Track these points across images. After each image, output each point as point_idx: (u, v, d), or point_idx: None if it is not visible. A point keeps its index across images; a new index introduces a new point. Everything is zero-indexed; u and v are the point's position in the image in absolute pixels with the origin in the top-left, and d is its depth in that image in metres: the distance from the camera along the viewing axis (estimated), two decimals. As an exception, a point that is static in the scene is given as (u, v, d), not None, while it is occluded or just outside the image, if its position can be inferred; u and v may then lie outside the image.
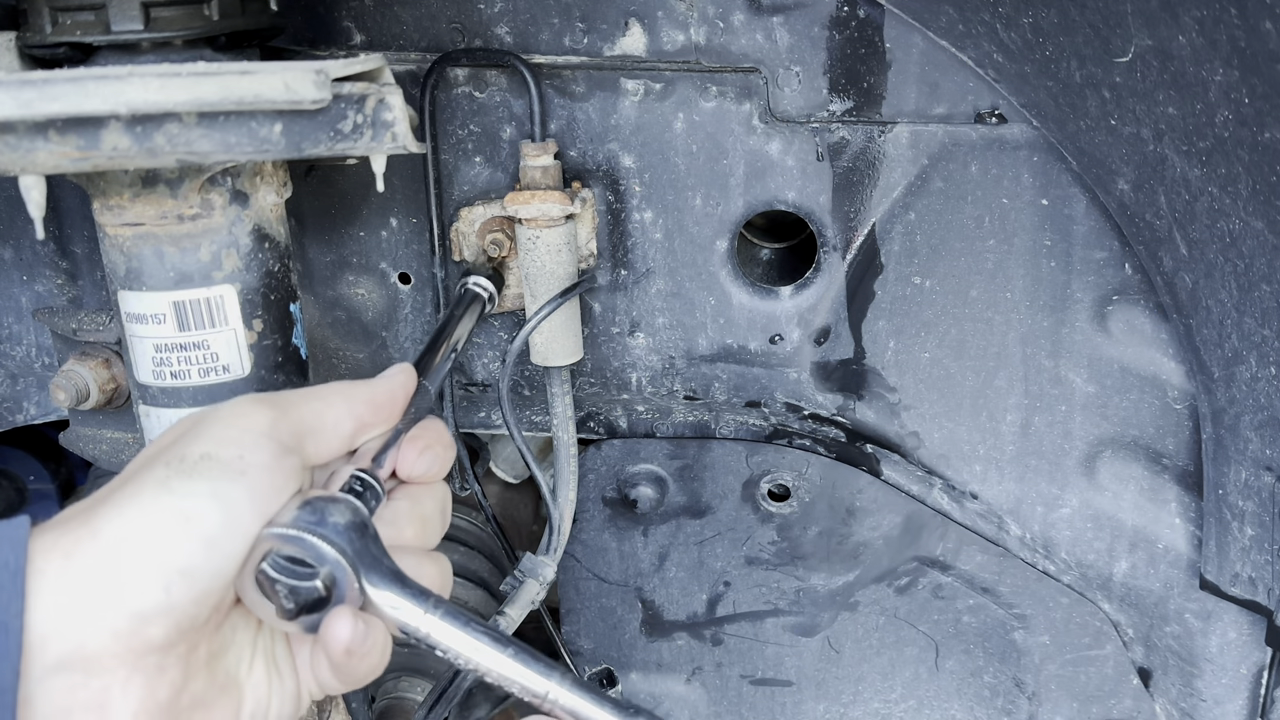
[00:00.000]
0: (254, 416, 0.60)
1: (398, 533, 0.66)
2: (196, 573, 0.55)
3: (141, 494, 0.55)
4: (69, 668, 0.52)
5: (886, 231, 1.02)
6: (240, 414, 0.60)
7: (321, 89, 0.75)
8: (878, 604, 1.14)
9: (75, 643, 0.52)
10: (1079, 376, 1.03)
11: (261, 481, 0.58)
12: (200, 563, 0.55)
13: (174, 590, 0.54)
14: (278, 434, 0.60)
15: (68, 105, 0.68)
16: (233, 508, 0.56)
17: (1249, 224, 0.77)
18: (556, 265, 1.01)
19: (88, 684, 0.52)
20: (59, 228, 1.13)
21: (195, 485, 0.56)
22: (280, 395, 0.63)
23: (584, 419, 1.14)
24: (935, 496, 1.10)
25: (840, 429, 1.11)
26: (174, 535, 0.54)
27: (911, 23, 0.94)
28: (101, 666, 0.52)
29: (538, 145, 1.00)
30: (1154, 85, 0.75)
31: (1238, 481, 0.93)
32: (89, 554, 0.53)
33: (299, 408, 0.63)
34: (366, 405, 0.66)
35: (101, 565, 0.53)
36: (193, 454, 0.57)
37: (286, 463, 0.60)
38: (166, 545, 0.54)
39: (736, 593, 1.17)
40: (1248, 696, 1.06)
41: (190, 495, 0.55)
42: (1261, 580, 0.95)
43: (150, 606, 0.53)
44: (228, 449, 0.58)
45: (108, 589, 0.52)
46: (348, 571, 0.60)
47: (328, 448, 0.64)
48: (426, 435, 0.70)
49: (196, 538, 0.55)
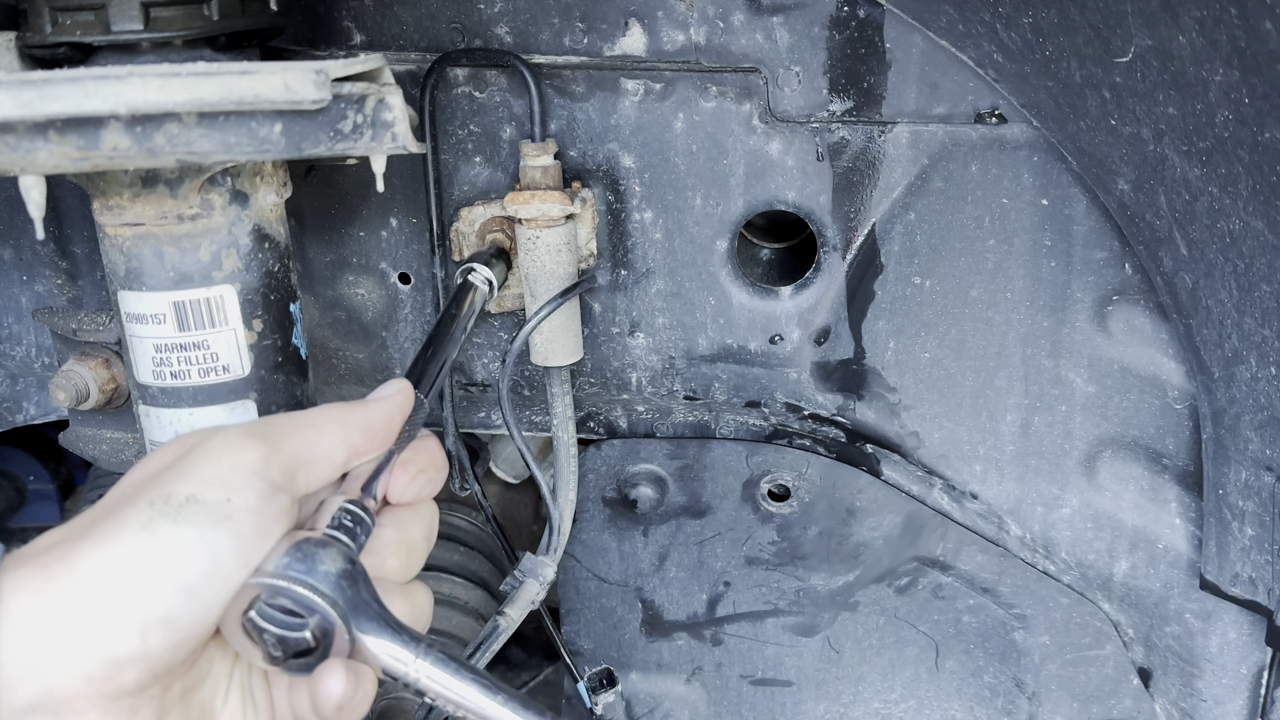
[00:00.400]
0: (245, 453, 0.58)
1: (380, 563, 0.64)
2: (175, 621, 0.53)
3: (123, 535, 0.53)
4: (39, 710, 0.50)
5: (886, 231, 1.02)
6: (231, 449, 0.58)
7: (321, 89, 0.75)
8: (878, 604, 1.14)
9: (46, 685, 0.50)
10: (1079, 376, 1.03)
11: (248, 526, 0.56)
12: (180, 611, 0.53)
13: (150, 638, 0.52)
14: (268, 472, 0.58)
15: (68, 105, 0.68)
16: (217, 555, 0.54)
17: (1249, 224, 0.77)
18: (556, 265, 1.01)
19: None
20: (59, 228, 1.13)
21: (179, 530, 0.54)
22: (273, 425, 0.61)
23: (584, 419, 1.14)
24: (935, 496, 1.10)
25: (840, 429, 1.11)
26: (154, 581, 0.52)
27: (911, 23, 0.94)
28: (72, 709, 0.51)
29: (538, 145, 1.00)
30: (1154, 85, 0.75)
31: (1238, 481, 0.93)
32: (64, 592, 0.51)
33: (292, 439, 0.60)
34: (362, 433, 0.64)
35: (76, 606, 0.51)
36: (178, 494, 0.55)
37: (275, 503, 0.58)
38: (145, 591, 0.52)
39: (736, 593, 1.17)
40: (1248, 697, 1.06)
41: (175, 541, 0.53)
42: (1262, 580, 0.95)
43: (125, 653, 0.51)
44: (215, 490, 0.56)
45: (81, 631, 0.51)
46: (337, 623, 0.59)
47: (319, 478, 0.62)
48: (419, 459, 0.68)
49: (177, 585, 0.53)
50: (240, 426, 0.60)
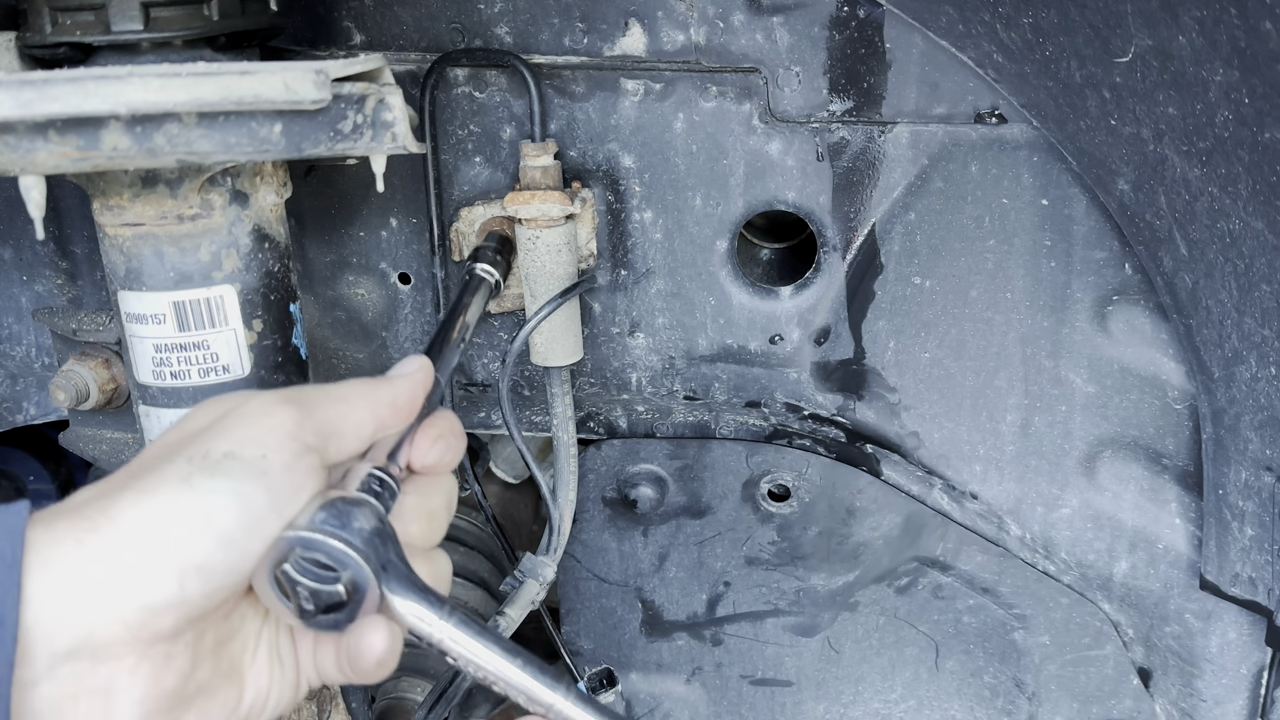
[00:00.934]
0: (279, 416, 0.60)
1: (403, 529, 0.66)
2: (212, 570, 0.55)
3: (162, 487, 0.55)
4: (78, 655, 0.52)
5: (886, 231, 1.02)
6: (266, 413, 0.60)
7: (321, 89, 0.75)
8: (878, 604, 1.14)
9: (85, 631, 0.52)
10: (1079, 376, 1.03)
11: (282, 482, 0.58)
12: (216, 561, 0.55)
13: (188, 586, 0.54)
14: (301, 435, 0.60)
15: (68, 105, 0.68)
16: (253, 508, 0.56)
17: (1249, 224, 0.77)
18: (556, 265, 1.01)
19: (95, 671, 0.52)
20: (59, 228, 1.13)
21: (217, 483, 0.56)
22: (304, 394, 0.63)
23: (584, 419, 1.14)
24: (935, 497, 1.10)
25: (840, 429, 1.11)
26: (193, 532, 0.54)
27: (911, 23, 0.94)
28: (109, 654, 0.52)
29: (538, 145, 1.00)
30: (1154, 85, 0.75)
31: (1238, 482, 0.93)
32: (104, 542, 0.53)
33: (324, 408, 0.62)
34: (388, 408, 0.66)
35: (116, 555, 0.53)
36: (216, 451, 0.57)
37: (307, 463, 0.60)
38: (184, 541, 0.54)
39: (736, 593, 1.17)
40: (1248, 697, 1.06)
41: (212, 493, 0.55)
42: (1261, 580, 0.95)
43: (162, 600, 0.53)
44: (251, 448, 0.58)
45: (121, 580, 0.52)
46: (370, 578, 0.60)
47: (348, 449, 0.64)
48: (439, 424, 0.70)
49: (215, 535, 0.55)
50: (275, 392, 0.62)
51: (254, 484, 0.57)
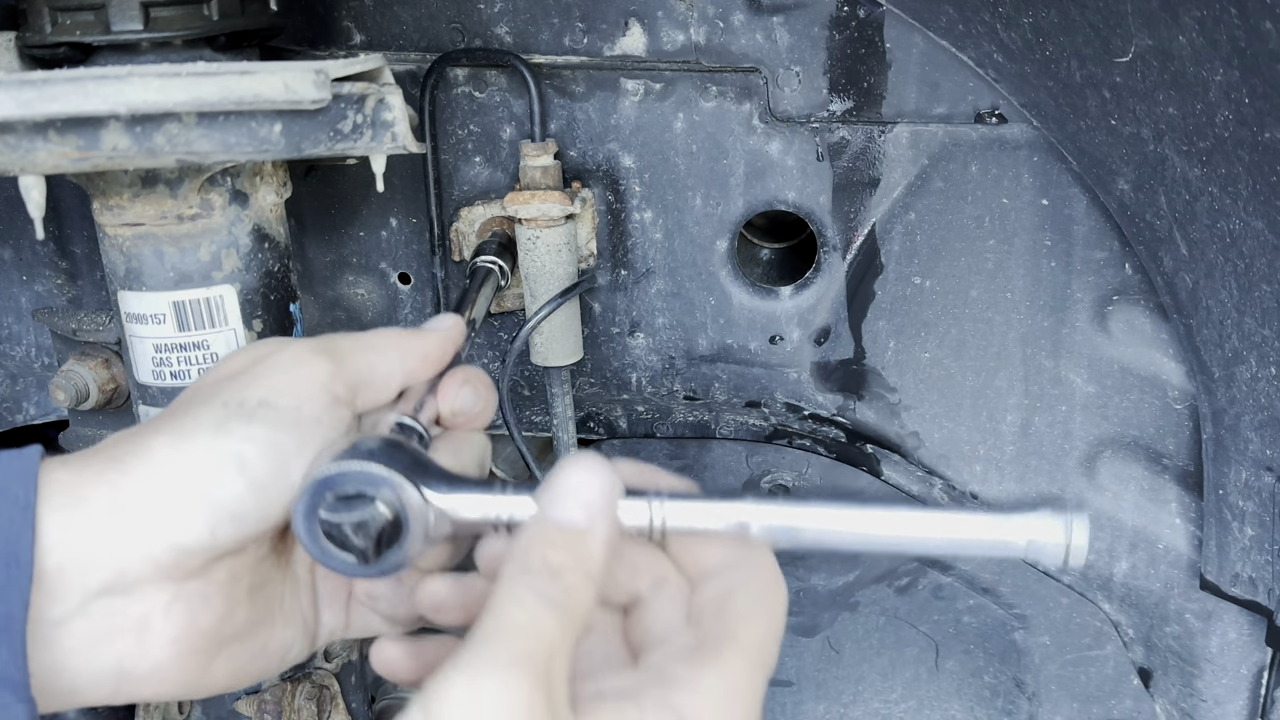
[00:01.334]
0: (313, 367, 0.60)
1: None
2: (244, 517, 0.56)
3: (199, 432, 0.56)
4: (112, 591, 0.53)
5: (886, 231, 1.02)
6: (299, 362, 0.60)
7: (321, 89, 0.75)
8: (878, 604, 1.14)
9: (117, 568, 0.53)
10: (1079, 377, 1.03)
11: (314, 433, 0.59)
12: (249, 507, 0.56)
13: (219, 531, 0.55)
14: (334, 386, 0.60)
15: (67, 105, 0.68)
16: (285, 457, 0.57)
17: (1249, 224, 0.77)
18: (556, 265, 1.01)
19: (128, 608, 0.53)
20: (59, 228, 1.13)
21: (253, 430, 0.56)
22: (336, 344, 0.63)
23: (584, 419, 1.14)
24: (935, 497, 1.10)
25: (840, 429, 1.11)
26: (227, 478, 0.55)
27: (912, 23, 0.94)
28: (142, 592, 0.53)
29: (538, 145, 1.00)
30: (1154, 85, 0.75)
31: (1238, 482, 0.93)
32: (138, 484, 0.54)
33: (355, 359, 0.63)
34: (418, 359, 0.66)
35: (150, 497, 0.54)
36: (251, 399, 0.58)
37: (338, 414, 0.60)
38: (218, 487, 0.55)
39: (736, 593, 1.17)
40: (1248, 697, 1.06)
41: (247, 440, 0.56)
42: (1262, 580, 0.95)
43: (193, 542, 0.54)
44: (286, 398, 0.58)
45: (153, 520, 0.53)
46: (405, 484, 0.58)
47: (376, 399, 0.64)
48: (464, 372, 0.69)
49: (248, 481, 0.56)
50: (307, 341, 0.62)
51: (287, 433, 0.57)
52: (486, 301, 0.94)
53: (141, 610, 0.54)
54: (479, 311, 0.91)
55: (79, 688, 0.53)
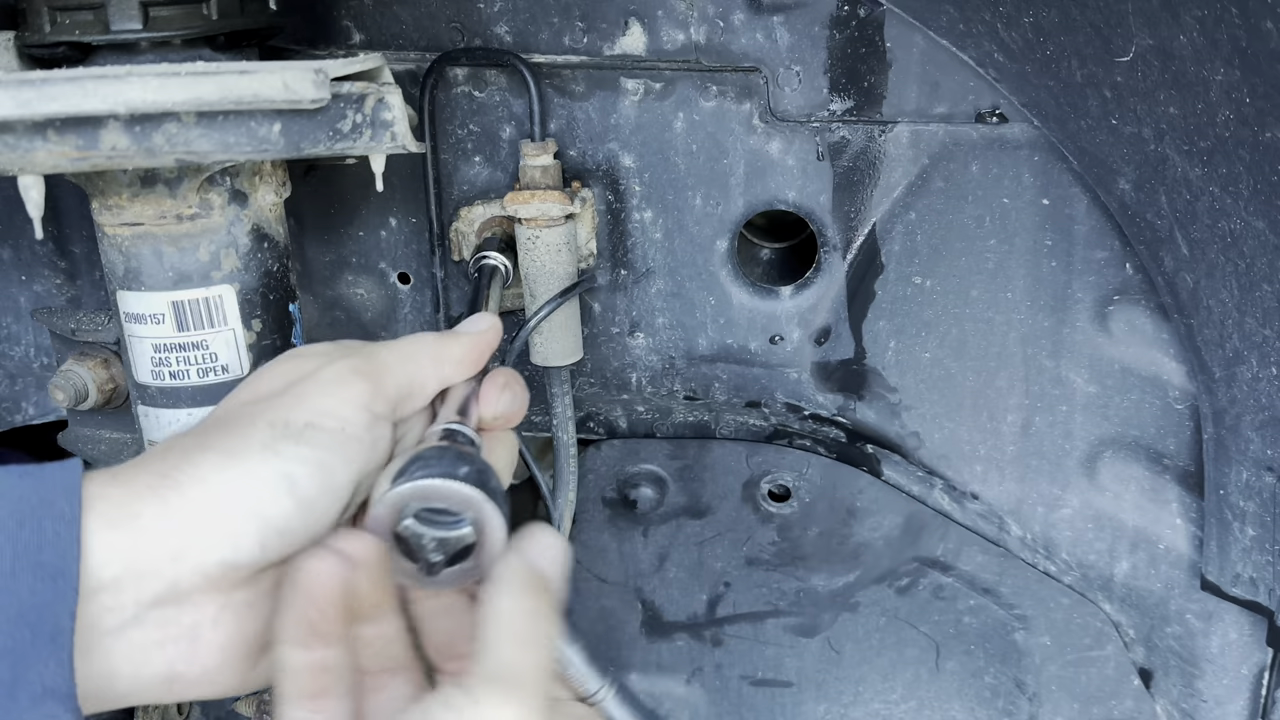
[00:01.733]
0: (354, 387, 0.62)
1: None
2: (292, 533, 0.57)
3: (248, 452, 0.57)
4: (164, 603, 0.54)
5: (887, 231, 1.02)
6: (341, 383, 0.62)
7: (320, 88, 0.75)
8: (878, 605, 1.14)
9: (171, 580, 0.54)
10: (1080, 377, 1.03)
11: (359, 452, 0.60)
12: (297, 524, 0.57)
13: (269, 547, 0.56)
14: (375, 405, 0.62)
15: (66, 105, 0.68)
16: (333, 475, 0.59)
17: (1250, 224, 0.76)
18: (556, 265, 1.01)
19: (180, 618, 0.55)
20: (58, 227, 1.13)
21: (301, 451, 0.58)
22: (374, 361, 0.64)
23: (584, 419, 1.14)
24: (936, 497, 1.10)
25: (841, 429, 1.11)
26: (277, 496, 0.57)
27: (912, 22, 0.94)
28: (193, 603, 0.55)
29: (537, 145, 1.00)
30: (1155, 85, 0.75)
31: (1239, 482, 0.93)
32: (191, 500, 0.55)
33: (394, 374, 0.64)
34: (455, 365, 0.68)
35: (203, 513, 0.55)
36: (297, 421, 0.59)
37: (380, 432, 0.62)
38: (268, 505, 0.56)
39: (736, 593, 1.17)
40: (1249, 697, 1.06)
41: (296, 461, 0.57)
42: (1262, 581, 0.95)
43: (244, 559, 0.56)
44: (331, 420, 0.60)
45: (208, 536, 0.55)
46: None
47: (414, 407, 0.66)
48: (503, 375, 0.71)
49: (297, 500, 0.57)
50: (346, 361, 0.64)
51: (333, 453, 0.59)
52: (498, 298, 0.94)
53: (193, 620, 0.56)
54: (493, 309, 0.91)
55: (132, 691, 0.55)
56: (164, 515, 0.54)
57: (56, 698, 0.50)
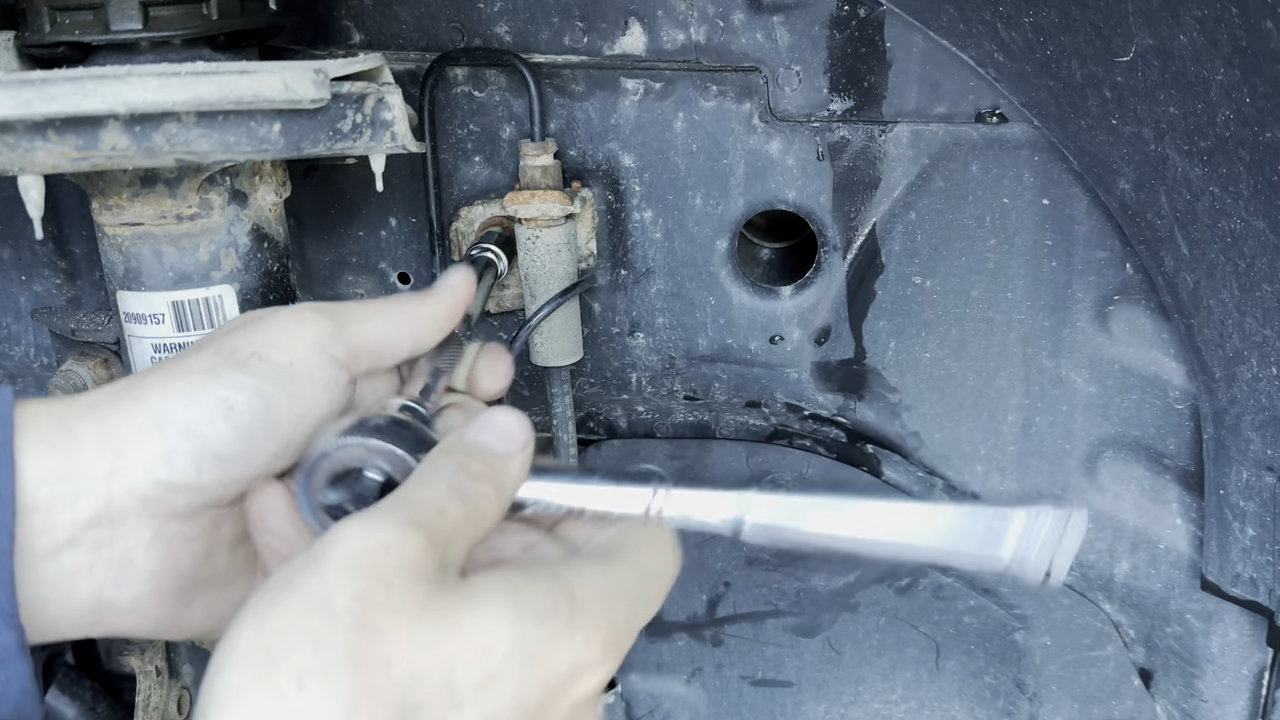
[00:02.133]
0: (311, 326, 0.60)
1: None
2: (228, 461, 0.56)
3: (188, 375, 0.57)
4: (97, 523, 0.54)
5: (887, 231, 1.02)
6: (298, 320, 0.60)
7: (320, 88, 0.75)
8: (878, 605, 1.14)
9: (105, 499, 0.54)
10: (1080, 377, 1.03)
11: (305, 391, 0.59)
12: (235, 451, 0.56)
13: (205, 472, 0.55)
14: (331, 348, 0.60)
15: (66, 105, 0.68)
16: (274, 408, 0.57)
17: (1250, 224, 0.76)
18: (556, 265, 1.01)
19: (113, 542, 0.54)
20: (57, 227, 1.13)
21: (241, 378, 0.57)
22: (341, 307, 0.63)
23: (584, 419, 1.14)
24: (936, 498, 1.10)
25: (841, 429, 1.11)
26: (213, 419, 0.56)
27: (912, 22, 0.94)
28: (126, 527, 0.55)
29: (537, 145, 1.00)
30: (1155, 85, 0.75)
31: (1239, 482, 0.93)
32: (128, 421, 0.55)
33: (360, 325, 0.62)
34: (429, 325, 0.65)
35: (139, 431, 0.55)
36: (244, 349, 0.58)
37: (334, 376, 0.60)
38: (205, 428, 0.55)
39: (737, 593, 1.17)
40: (1249, 697, 1.06)
41: (235, 387, 0.56)
42: (1263, 581, 0.95)
43: (179, 481, 0.55)
44: (278, 353, 0.58)
45: (141, 457, 0.54)
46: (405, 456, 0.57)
47: (378, 364, 0.64)
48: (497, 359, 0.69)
49: (234, 427, 0.56)
50: (311, 304, 0.63)
51: (276, 387, 0.58)
52: (486, 291, 0.93)
53: (125, 545, 0.55)
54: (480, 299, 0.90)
55: (60, 620, 0.54)
56: (102, 433, 0.54)
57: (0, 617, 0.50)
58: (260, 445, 0.57)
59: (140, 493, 0.54)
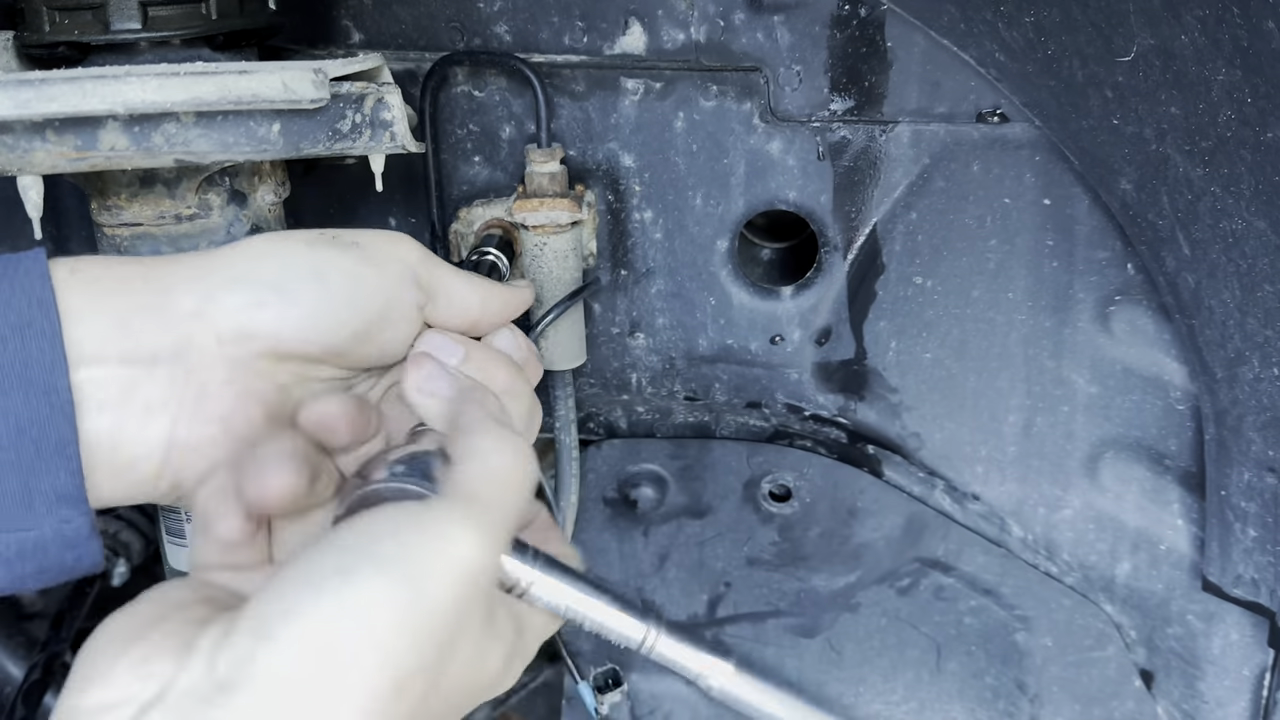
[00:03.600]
0: (405, 245, 0.63)
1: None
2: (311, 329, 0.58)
3: (288, 243, 0.59)
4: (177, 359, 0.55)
5: (888, 231, 1.01)
6: (395, 239, 0.63)
7: (320, 88, 0.75)
8: (879, 605, 1.14)
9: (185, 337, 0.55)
10: (1081, 377, 1.03)
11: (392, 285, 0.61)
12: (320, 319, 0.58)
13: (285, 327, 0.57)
14: (417, 271, 0.63)
15: (65, 105, 0.68)
16: (363, 288, 0.59)
17: (1252, 224, 0.76)
18: (564, 272, 1.00)
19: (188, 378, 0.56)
20: (57, 228, 1.13)
21: (337, 256, 0.59)
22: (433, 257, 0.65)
23: (584, 420, 1.14)
24: (937, 498, 1.10)
25: (841, 430, 1.11)
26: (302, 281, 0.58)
27: (913, 21, 0.94)
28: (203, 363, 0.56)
29: (544, 151, 0.99)
30: (1156, 85, 0.75)
31: (1240, 483, 0.93)
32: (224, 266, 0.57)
33: (443, 268, 0.65)
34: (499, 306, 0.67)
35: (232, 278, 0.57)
36: (344, 238, 0.61)
37: (413, 295, 0.62)
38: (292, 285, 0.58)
39: (737, 593, 1.16)
40: (1250, 698, 1.05)
41: (330, 263, 0.59)
42: (1264, 582, 0.95)
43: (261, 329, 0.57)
44: (379, 251, 0.61)
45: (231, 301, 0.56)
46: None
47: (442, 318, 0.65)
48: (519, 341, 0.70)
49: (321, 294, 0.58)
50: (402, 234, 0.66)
51: (370, 270, 0.60)
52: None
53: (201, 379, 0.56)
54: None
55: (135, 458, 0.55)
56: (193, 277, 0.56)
57: (70, 503, 0.52)
58: (342, 319, 0.59)
59: (219, 333, 0.56)
